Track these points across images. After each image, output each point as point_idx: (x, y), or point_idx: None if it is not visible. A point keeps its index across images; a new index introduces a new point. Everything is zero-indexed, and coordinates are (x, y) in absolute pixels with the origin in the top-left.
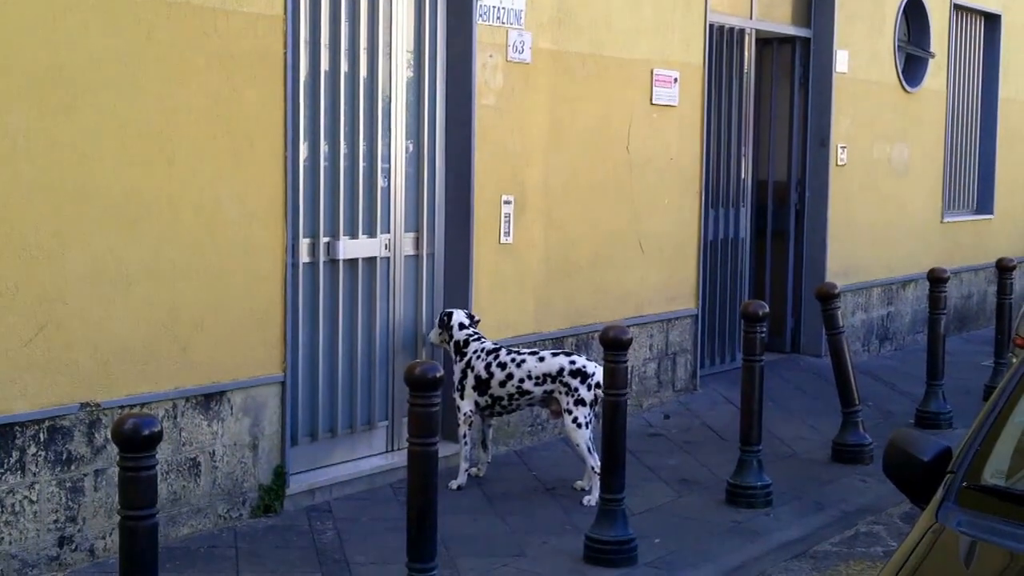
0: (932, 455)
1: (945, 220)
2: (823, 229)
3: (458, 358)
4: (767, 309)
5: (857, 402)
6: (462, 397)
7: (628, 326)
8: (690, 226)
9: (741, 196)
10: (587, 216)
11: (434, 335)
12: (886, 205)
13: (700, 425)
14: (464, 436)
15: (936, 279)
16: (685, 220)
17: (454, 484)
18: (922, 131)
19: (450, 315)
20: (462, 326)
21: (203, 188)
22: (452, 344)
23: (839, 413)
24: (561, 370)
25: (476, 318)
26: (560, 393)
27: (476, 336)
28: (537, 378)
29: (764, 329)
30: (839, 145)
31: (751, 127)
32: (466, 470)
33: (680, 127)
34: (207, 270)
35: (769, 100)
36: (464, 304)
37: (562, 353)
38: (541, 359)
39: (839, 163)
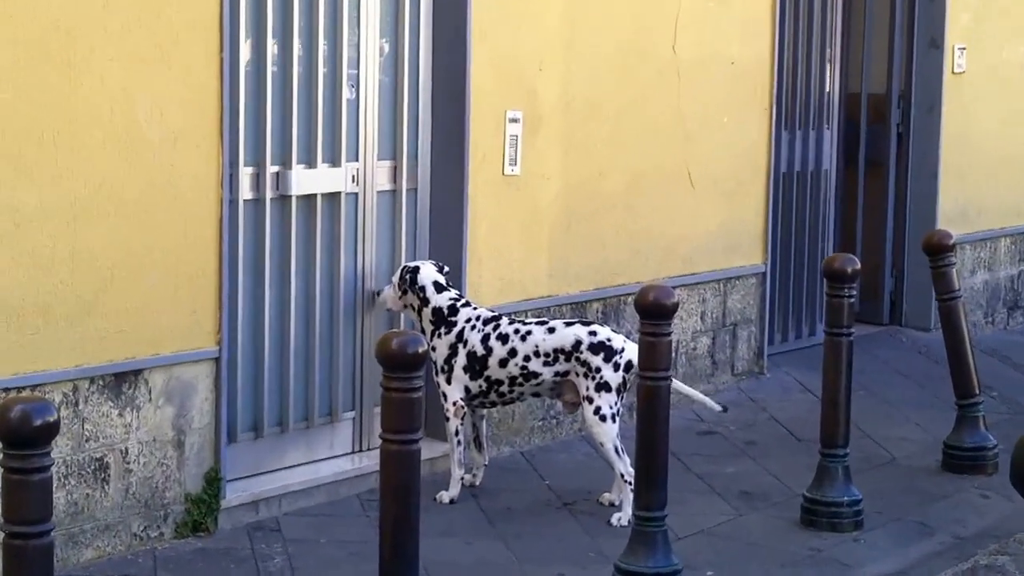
0: None
1: None
2: (934, 159)
3: (441, 329)
4: (858, 265)
5: (977, 391)
6: (449, 381)
7: (673, 287)
8: (756, 154)
9: (825, 114)
10: (619, 139)
11: (390, 297)
12: (1021, 127)
13: (767, 420)
14: (456, 433)
15: None
16: (750, 145)
17: (445, 496)
18: None
19: (416, 271)
20: (440, 286)
21: (113, 100)
22: (429, 310)
23: (952, 406)
24: (578, 344)
25: (446, 270)
26: (577, 375)
27: (464, 300)
28: (547, 355)
29: (854, 292)
30: (956, 46)
31: (839, 22)
32: (460, 478)
33: (744, 20)
34: (119, 209)
35: None
36: (456, 256)
37: (579, 322)
38: (551, 330)
39: (956, 70)
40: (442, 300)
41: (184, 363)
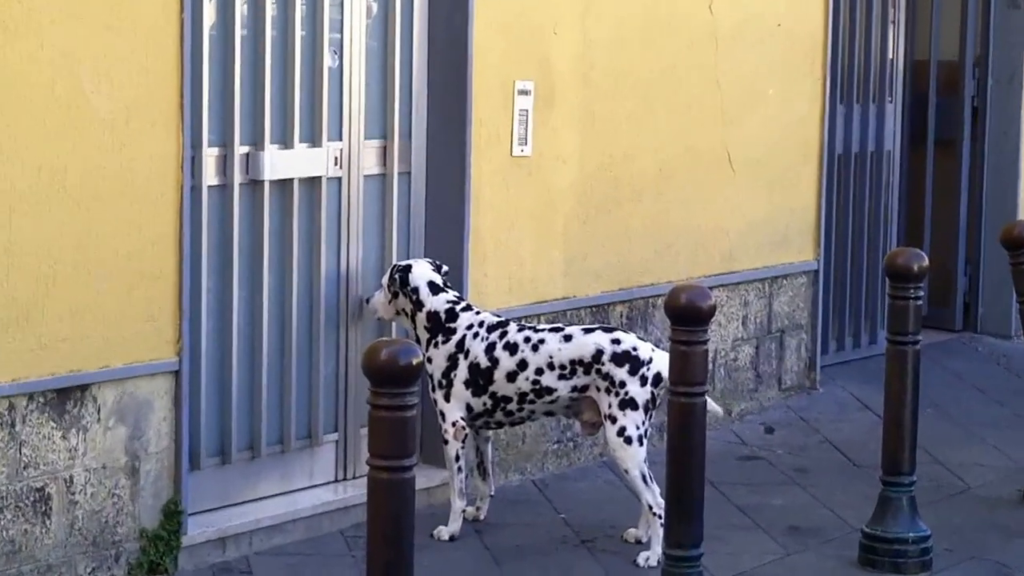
0: None
1: None
2: (1015, 137)
3: (439, 338)
4: (926, 262)
5: None
6: (447, 398)
7: (709, 287)
8: (807, 132)
9: (888, 85)
10: (647, 115)
11: (380, 304)
12: None
13: (820, 443)
14: (456, 458)
15: None
16: (799, 122)
17: (444, 533)
18: None
19: (407, 270)
20: (436, 287)
21: (55, 69)
22: (424, 316)
23: None
24: (599, 354)
25: (445, 270)
26: (598, 391)
27: (465, 303)
28: (562, 367)
29: (921, 293)
30: None
31: None
32: (461, 511)
33: None
34: (62, 197)
35: None
36: (456, 252)
37: (600, 328)
38: (568, 338)
39: None
40: (439, 303)
41: (139, 377)
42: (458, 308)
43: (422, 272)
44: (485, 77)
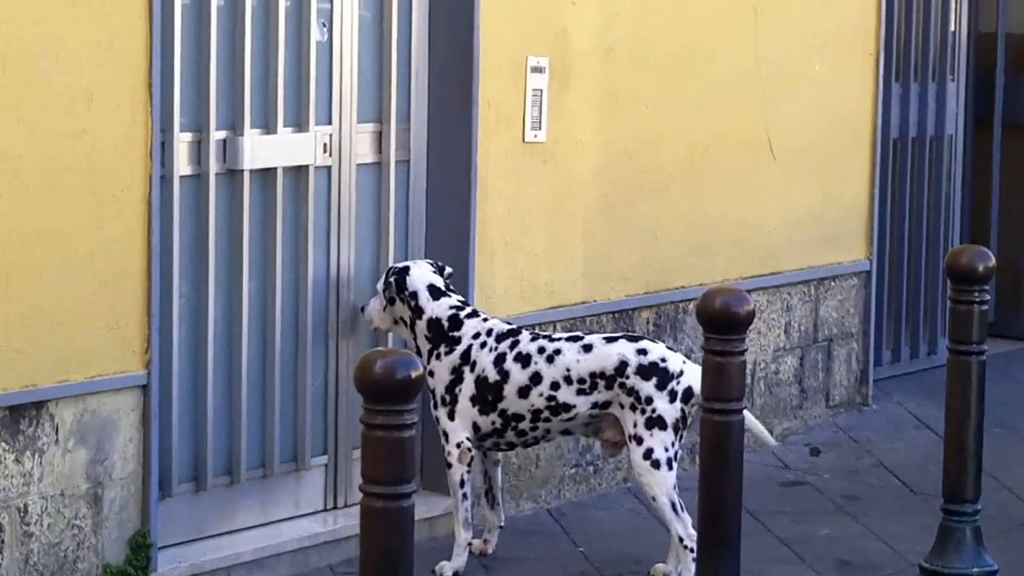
0: None
1: None
2: None
3: (441, 348)
4: (992, 262)
5: None
6: (451, 416)
7: (747, 290)
8: (859, 114)
9: (949, 62)
10: (677, 95)
11: (376, 311)
12: None
13: (873, 466)
14: (462, 484)
15: None
16: (850, 103)
17: (448, 568)
18: None
19: (405, 272)
20: (437, 291)
21: (7, 44)
22: (424, 324)
23: None
24: (623, 365)
25: (448, 272)
26: (622, 407)
27: (470, 309)
28: (582, 381)
29: (987, 297)
30: None
31: None
32: (467, 544)
33: None
34: (15, 189)
35: None
36: (461, 250)
37: (623, 337)
38: (587, 348)
39: None
40: (440, 309)
41: (101, 392)
42: (463, 315)
43: (421, 274)
44: (494, 53)
